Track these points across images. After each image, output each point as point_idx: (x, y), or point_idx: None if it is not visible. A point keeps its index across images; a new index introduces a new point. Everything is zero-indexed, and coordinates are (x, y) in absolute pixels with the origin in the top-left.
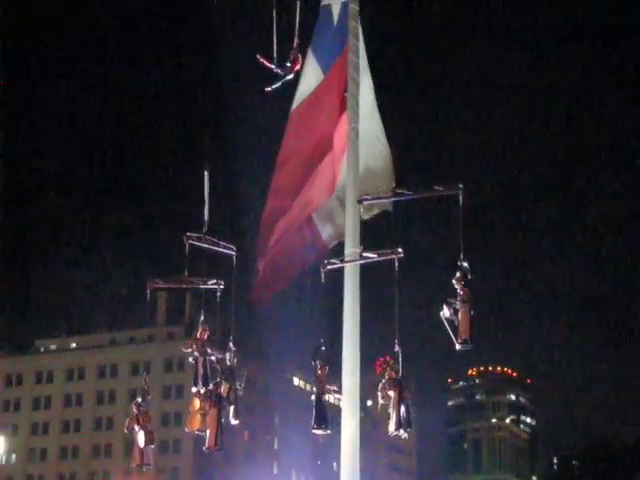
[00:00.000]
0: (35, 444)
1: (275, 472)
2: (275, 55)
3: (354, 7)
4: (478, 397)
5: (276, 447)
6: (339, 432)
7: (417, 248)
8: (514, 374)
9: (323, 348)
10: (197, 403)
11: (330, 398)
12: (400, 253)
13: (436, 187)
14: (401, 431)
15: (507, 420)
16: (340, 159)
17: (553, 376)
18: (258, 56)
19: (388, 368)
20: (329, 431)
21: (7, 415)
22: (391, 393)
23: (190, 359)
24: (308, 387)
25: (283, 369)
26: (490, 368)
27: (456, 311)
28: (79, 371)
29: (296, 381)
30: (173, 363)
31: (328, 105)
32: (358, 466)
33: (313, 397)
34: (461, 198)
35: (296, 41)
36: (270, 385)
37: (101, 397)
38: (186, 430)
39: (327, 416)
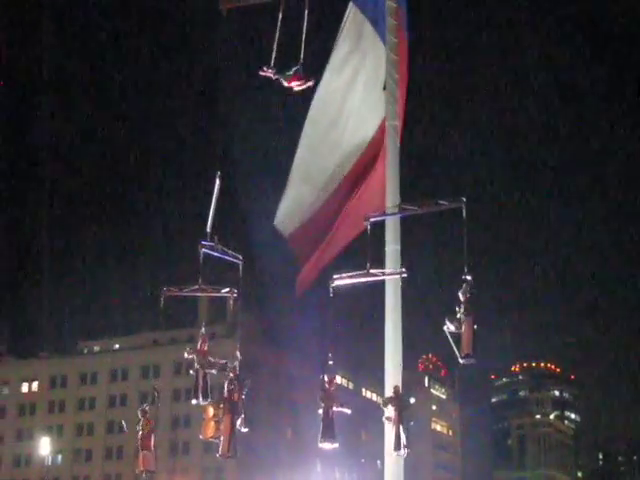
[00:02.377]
0: (80, 445)
1: (319, 470)
2: (273, 63)
3: (391, 4)
4: (521, 393)
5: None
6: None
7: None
8: (557, 370)
9: (331, 362)
10: (211, 410)
11: (373, 396)
12: (404, 272)
13: (440, 201)
14: (401, 451)
15: (551, 416)
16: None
17: (596, 371)
18: (260, 71)
19: (430, 365)
20: (336, 445)
21: (52, 416)
22: (391, 413)
23: (190, 372)
24: (351, 385)
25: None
26: (533, 364)
27: (460, 325)
28: (122, 372)
29: (338, 379)
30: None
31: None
32: (402, 464)
33: (321, 411)
34: (464, 211)
35: (301, 57)
36: (313, 383)
37: (144, 397)
38: (200, 438)
39: (335, 430)
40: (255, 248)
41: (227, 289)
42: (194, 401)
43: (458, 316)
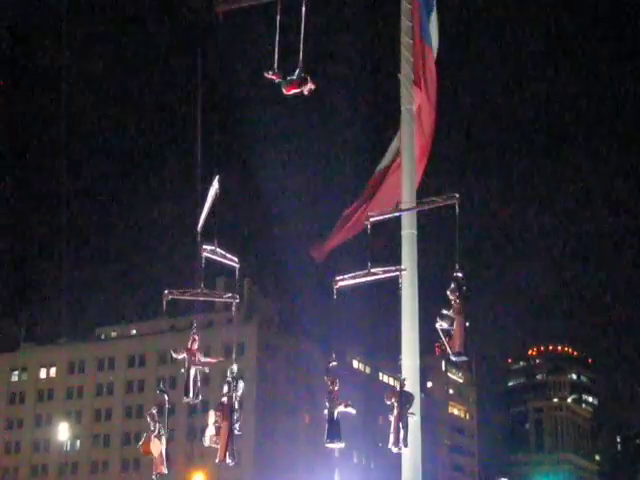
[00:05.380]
0: (98, 430)
1: (337, 455)
2: (276, 66)
3: None
4: (539, 377)
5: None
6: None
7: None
8: (575, 353)
9: (334, 364)
10: (212, 416)
11: (390, 381)
12: (404, 269)
13: (433, 198)
14: (400, 446)
15: (569, 400)
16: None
17: (614, 354)
18: (265, 74)
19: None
20: (342, 445)
21: (70, 402)
22: (393, 409)
23: (182, 370)
24: (367, 370)
25: (343, 352)
26: (550, 348)
27: (452, 322)
28: (140, 358)
29: (355, 364)
30: (232, 348)
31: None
32: (420, 448)
33: (326, 412)
34: (457, 208)
35: (300, 60)
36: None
37: (162, 383)
38: (204, 444)
39: (340, 431)
40: (273, 234)
41: (229, 294)
42: (185, 399)
43: (450, 313)
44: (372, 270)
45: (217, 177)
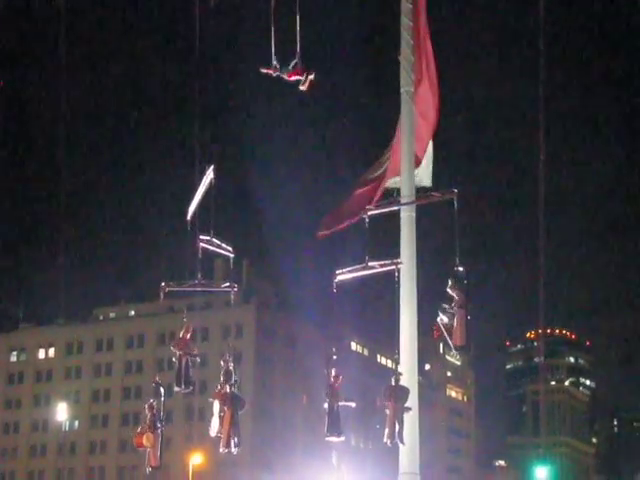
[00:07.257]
0: (97, 411)
1: None
2: (274, 60)
3: None
4: (537, 360)
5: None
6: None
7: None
8: (573, 336)
9: (335, 357)
10: (216, 406)
11: (388, 363)
12: (400, 263)
13: (432, 193)
14: (395, 440)
15: (566, 382)
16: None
17: (611, 338)
18: (261, 69)
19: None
20: (343, 438)
21: (69, 382)
22: (389, 404)
23: (173, 359)
24: (366, 351)
25: (341, 334)
26: (548, 331)
27: (453, 316)
28: (138, 338)
29: (353, 346)
30: (230, 330)
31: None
32: (417, 430)
33: (326, 406)
34: (456, 203)
35: (298, 51)
36: (328, 350)
37: (160, 364)
38: (211, 435)
39: (340, 424)
40: (272, 215)
41: (227, 284)
42: (177, 388)
43: (451, 307)
44: (370, 264)
45: (212, 167)
